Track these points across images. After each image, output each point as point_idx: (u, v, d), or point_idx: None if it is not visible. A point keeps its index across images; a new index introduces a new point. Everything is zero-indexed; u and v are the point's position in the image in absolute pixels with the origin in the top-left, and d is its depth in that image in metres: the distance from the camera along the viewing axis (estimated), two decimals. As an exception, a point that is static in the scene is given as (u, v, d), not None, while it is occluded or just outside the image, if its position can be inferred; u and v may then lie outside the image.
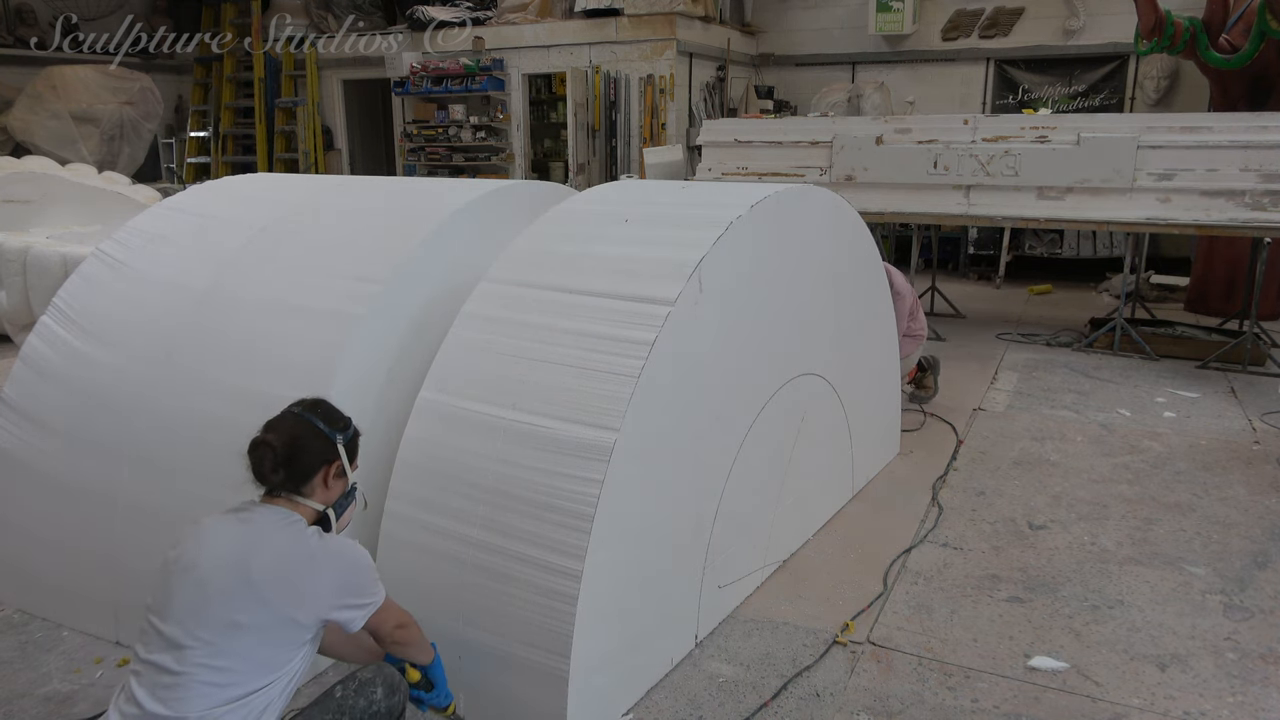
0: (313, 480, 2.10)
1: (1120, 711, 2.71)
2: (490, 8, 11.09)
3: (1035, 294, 9.35)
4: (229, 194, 3.85)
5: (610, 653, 2.56)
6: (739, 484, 3.12)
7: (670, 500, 2.77)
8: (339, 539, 2.11)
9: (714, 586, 3.06)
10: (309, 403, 2.19)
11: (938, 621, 3.19)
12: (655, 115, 9.98)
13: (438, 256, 3.15)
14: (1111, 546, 3.76)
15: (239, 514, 2.05)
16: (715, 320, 2.88)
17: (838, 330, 3.90)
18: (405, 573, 2.63)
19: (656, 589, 2.77)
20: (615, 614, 2.55)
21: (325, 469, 2.12)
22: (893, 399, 4.72)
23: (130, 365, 3.18)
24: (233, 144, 13.16)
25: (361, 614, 2.06)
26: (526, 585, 2.44)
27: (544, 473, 2.49)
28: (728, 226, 2.90)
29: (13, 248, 6.74)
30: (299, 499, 2.10)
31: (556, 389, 2.59)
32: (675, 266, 2.75)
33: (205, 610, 1.90)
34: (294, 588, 1.95)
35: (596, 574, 2.41)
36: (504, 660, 2.48)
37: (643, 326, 2.60)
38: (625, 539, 2.54)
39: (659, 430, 2.64)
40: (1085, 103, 10.04)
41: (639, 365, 2.52)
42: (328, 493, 2.14)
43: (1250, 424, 5.28)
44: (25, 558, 3.23)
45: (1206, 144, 6.28)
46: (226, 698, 1.87)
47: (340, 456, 2.15)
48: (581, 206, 3.36)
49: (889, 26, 10.43)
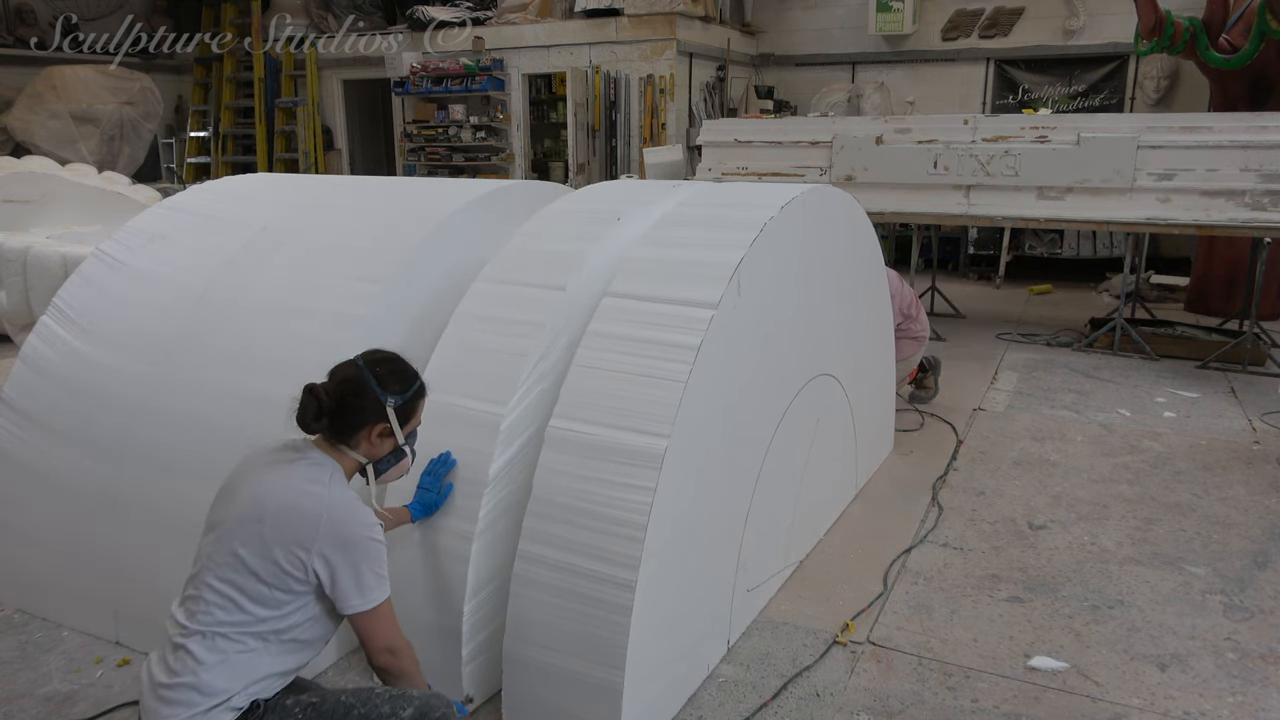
0: (357, 435, 2.11)
1: (1120, 711, 2.71)
2: (490, 8, 11.08)
3: (1035, 294, 9.35)
4: (229, 194, 3.85)
5: (659, 662, 2.53)
6: (766, 486, 3.10)
7: (711, 505, 2.74)
8: (360, 514, 2.03)
9: (744, 590, 3.05)
10: (376, 357, 2.17)
11: (938, 621, 3.19)
12: (655, 115, 9.98)
13: (438, 256, 3.15)
14: (1111, 546, 3.76)
15: (283, 452, 2.08)
16: (751, 323, 2.86)
17: (847, 330, 3.89)
18: (410, 572, 2.63)
19: (700, 595, 2.74)
20: (665, 622, 2.52)
21: (370, 428, 2.11)
22: (888, 396, 4.73)
23: (130, 365, 3.18)
24: (233, 144, 13.16)
25: (347, 588, 1.98)
26: (573, 596, 2.38)
27: (586, 480, 2.43)
28: (762, 228, 2.86)
29: (13, 248, 6.74)
30: (343, 448, 2.11)
31: (589, 392, 2.56)
32: (714, 268, 2.71)
33: (222, 536, 1.98)
34: (293, 532, 1.95)
35: (648, 583, 2.37)
36: (554, 673, 2.43)
37: (687, 330, 2.56)
38: (673, 547, 2.50)
39: (701, 434, 2.61)
40: (1085, 103, 10.04)
41: (686, 370, 2.48)
42: (372, 448, 2.14)
43: (1250, 424, 5.28)
44: (25, 558, 3.23)
45: (1206, 144, 6.28)
46: (228, 621, 1.92)
47: (389, 419, 2.13)
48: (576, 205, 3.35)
49: (889, 26, 10.43)
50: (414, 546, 2.65)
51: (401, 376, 2.17)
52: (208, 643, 1.91)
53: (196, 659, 1.90)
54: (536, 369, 2.70)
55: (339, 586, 1.97)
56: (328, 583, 1.97)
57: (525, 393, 2.67)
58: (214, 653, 1.91)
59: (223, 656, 1.91)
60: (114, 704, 2.72)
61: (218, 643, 1.92)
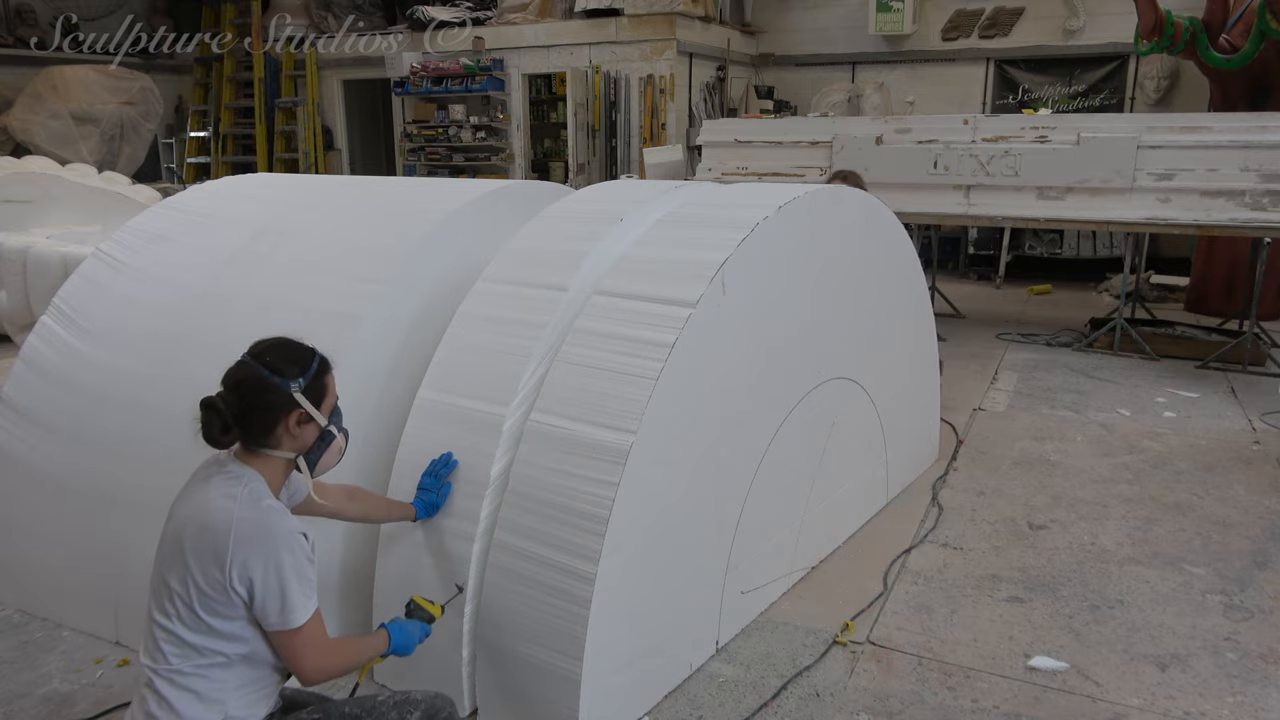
0: (274, 433, 1.95)
1: (1120, 711, 2.71)
2: (490, 8, 11.09)
3: (1035, 294, 9.35)
4: (229, 194, 3.85)
5: (626, 656, 2.54)
6: (764, 489, 3.08)
7: (690, 504, 2.74)
8: (272, 521, 1.87)
9: (736, 592, 3.03)
10: (261, 347, 2.01)
11: (938, 621, 3.19)
12: (655, 115, 9.98)
13: (438, 256, 3.15)
14: (1111, 546, 3.76)
15: (205, 469, 1.98)
16: (739, 323, 2.85)
17: (874, 333, 3.83)
18: (411, 572, 2.63)
19: (675, 593, 2.74)
20: (631, 617, 2.54)
21: (284, 421, 1.94)
22: (932, 403, 4.62)
23: (130, 365, 3.18)
24: (233, 144, 13.16)
25: (266, 605, 1.83)
26: (539, 586, 2.43)
27: (557, 473, 2.47)
28: (753, 228, 2.85)
29: (13, 248, 6.74)
30: (268, 451, 1.96)
31: (569, 388, 2.57)
32: (697, 267, 2.71)
33: (156, 567, 1.90)
34: (208, 553, 1.82)
35: (611, 576, 2.40)
36: (521, 661, 2.47)
37: (663, 328, 2.57)
38: (642, 542, 2.52)
39: (678, 433, 2.62)
40: (1085, 103, 10.05)
41: (658, 367, 2.49)
42: (296, 440, 1.98)
43: (1250, 424, 5.28)
44: (25, 558, 3.23)
45: (1206, 144, 6.28)
46: (181, 656, 1.84)
47: (300, 405, 1.95)
48: (578, 205, 3.34)
49: (889, 27, 10.43)
50: (414, 547, 2.65)
51: (296, 358, 2.00)
52: (172, 683, 1.84)
53: (169, 702, 1.83)
54: (538, 369, 2.70)
55: (258, 604, 1.83)
56: (250, 600, 1.83)
57: (527, 394, 2.67)
58: (182, 691, 1.84)
59: (192, 695, 1.84)
60: (114, 704, 2.72)
61: (180, 680, 1.84)
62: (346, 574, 2.86)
